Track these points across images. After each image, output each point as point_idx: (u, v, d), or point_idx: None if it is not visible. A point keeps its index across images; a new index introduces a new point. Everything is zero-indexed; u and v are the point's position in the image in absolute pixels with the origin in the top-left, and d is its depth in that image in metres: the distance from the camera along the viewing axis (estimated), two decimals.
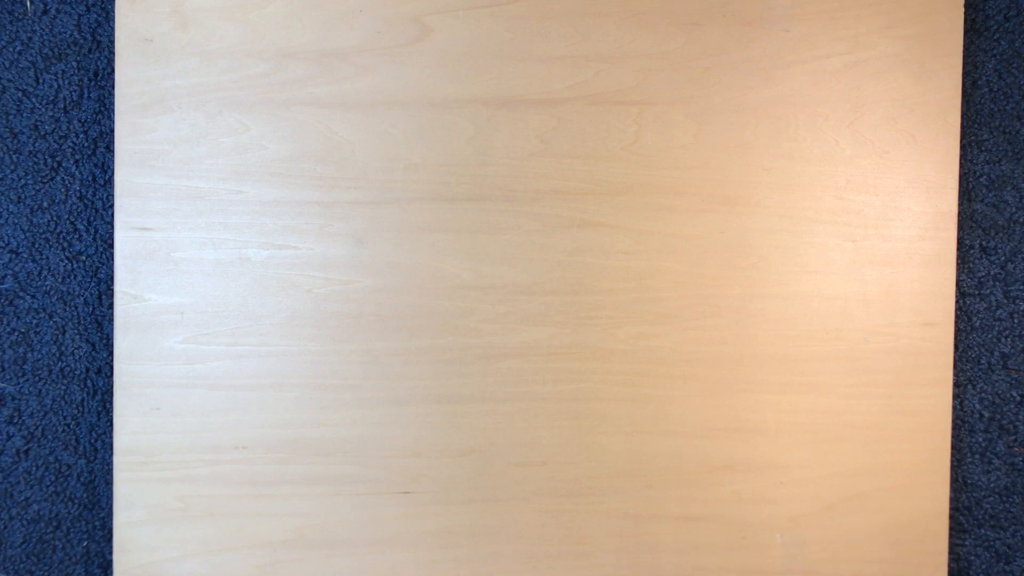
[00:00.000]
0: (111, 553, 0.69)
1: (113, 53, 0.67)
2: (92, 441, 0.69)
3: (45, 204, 0.68)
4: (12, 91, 0.68)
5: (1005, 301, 0.67)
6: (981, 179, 0.67)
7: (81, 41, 0.68)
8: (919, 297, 0.64)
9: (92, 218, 0.69)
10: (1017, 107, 0.67)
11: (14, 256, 0.68)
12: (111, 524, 0.69)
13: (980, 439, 0.68)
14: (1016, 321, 0.67)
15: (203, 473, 0.65)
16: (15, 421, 0.69)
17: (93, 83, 0.68)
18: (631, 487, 0.66)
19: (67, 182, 0.68)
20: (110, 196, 0.68)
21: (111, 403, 0.69)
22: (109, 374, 0.69)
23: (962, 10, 0.64)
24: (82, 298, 0.69)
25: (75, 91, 0.68)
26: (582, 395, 0.66)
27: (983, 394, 0.68)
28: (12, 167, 0.68)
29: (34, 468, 0.69)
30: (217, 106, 0.65)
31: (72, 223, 0.69)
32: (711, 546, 0.65)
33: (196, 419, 0.65)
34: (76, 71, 0.68)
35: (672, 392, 0.66)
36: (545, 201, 0.65)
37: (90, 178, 0.69)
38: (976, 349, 0.68)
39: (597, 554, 0.65)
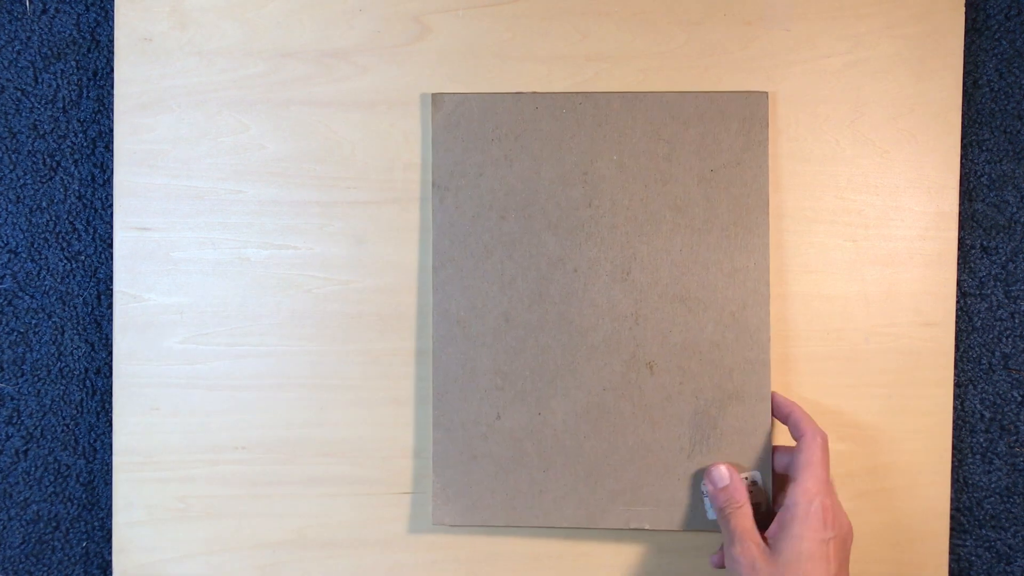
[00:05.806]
0: (110, 553, 0.69)
1: (112, 53, 0.67)
2: (91, 441, 0.69)
3: (44, 204, 0.68)
4: (11, 91, 0.68)
5: (1006, 301, 0.67)
6: (982, 179, 0.67)
7: (80, 41, 0.68)
8: (920, 297, 0.64)
9: (91, 218, 0.69)
10: (1018, 107, 0.67)
11: (13, 256, 0.68)
12: (110, 524, 0.69)
13: (981, 439, 0.68)
14: (1017, 321, 0.67)
15: (203, 473, 0.65)
16: (14, 421, 0.69)
17: (92, 83, 0.68)
18: None
19: (66, 182, 0.68)
20: (109, 196, 0.68)
21: (110, 403, 0.69)
22: (108, 374, 0.69)
23: (963, 10, 0.64)
24: (81, 298, 0.69)
25: (74, 91, 0.68)
26: None
27: (984, 394, 0.68)
28: (11, 167, 0.68)
29: (33, 468, 0.69)
30: (217, 106, 0.65)
31: (71, 223, 0.68)
32: (711, 546, 0.65)
33: (196, 419, 0.65)
34: (75, 71, 0.68)
35: None
36: None
37: (89, 178, 0.68)
38: (977, 349, 0.67)
39: (598, 554, 0.65)
